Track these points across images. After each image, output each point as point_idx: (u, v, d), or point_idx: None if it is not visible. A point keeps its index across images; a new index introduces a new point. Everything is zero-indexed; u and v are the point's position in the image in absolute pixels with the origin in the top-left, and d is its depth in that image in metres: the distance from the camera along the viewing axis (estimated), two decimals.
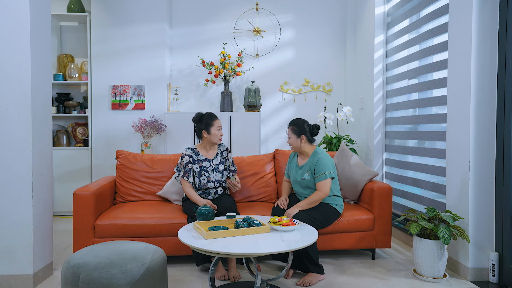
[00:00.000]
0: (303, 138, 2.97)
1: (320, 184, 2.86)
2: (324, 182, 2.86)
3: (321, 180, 2.86)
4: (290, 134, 3.00)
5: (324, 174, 2.86)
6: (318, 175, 2.87)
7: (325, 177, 2.86)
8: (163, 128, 4.42)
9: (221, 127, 3.10)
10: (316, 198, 2.85)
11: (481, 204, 2.73)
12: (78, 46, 4.78)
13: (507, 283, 2.63)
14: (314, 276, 2.70)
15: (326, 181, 2.86)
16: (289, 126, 3.02)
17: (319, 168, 2.88)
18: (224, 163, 3.18)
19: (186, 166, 3.06)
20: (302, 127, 2.98)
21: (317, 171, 2.88)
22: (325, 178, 2.86)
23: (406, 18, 3.79)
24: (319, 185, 2.87)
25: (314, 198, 2.85)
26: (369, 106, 4.28)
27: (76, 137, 4.74)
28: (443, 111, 3.21)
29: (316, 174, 2.89)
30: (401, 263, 3.11)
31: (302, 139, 2.97)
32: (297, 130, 2.97)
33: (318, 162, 2.89)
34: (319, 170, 2.87)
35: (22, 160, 2.56)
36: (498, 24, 2.67)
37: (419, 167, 3.51)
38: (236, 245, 2.13)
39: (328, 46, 4.92)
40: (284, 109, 4.91)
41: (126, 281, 1.91)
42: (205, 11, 4.83)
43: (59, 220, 4.41)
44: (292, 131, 2.99)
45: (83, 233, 2.88)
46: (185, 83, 4.83)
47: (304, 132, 2.97)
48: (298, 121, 3.02)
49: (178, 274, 2.86)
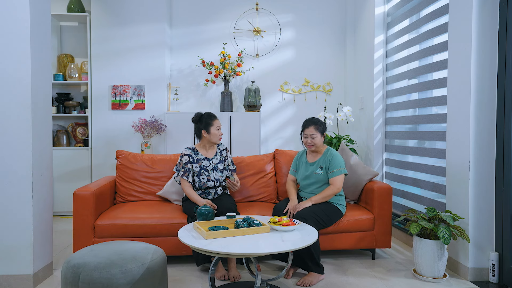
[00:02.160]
0: (324, 136, 3.01)
1: (335, 179, 2.90)
2: (338, 177, 2.91)
3: (336, 175, 2.90)
4: (315, 132, 2.95)
5: (339, 170, 2.91)
6: (333, 170, 2.91)
7: (340, 172, 2.91)
8: (163, 128, 4.42)
9: (220, 127, 3.11)
10: (330, 193, 2.89)
11: (481, 204, 2.73)
12: (78, 46, 4.78)
13: (507, 283, 2.63)
14: (315, 276, 2.70)
15: (340, 176, 2.91)
16: (311, 124, 2.97)
17: (334, 164, 2.92)
18: (224, 162, 3.18)
19: (186, 166, 3.06)
20: (324, 125, 3.02)
21: (332, 166, 2.92)
22: (339, 173, 2.91)
23: (406, 18, 3.79)
24: (334, 180, 2.90)
25: (328, 193, 2.88)
26: (369, 106, 4.28)
27: (76, 137, 4.74)
28: (443, 111, 3.21)
29: (331, 169, 2.92)
30: (401, 263, 3.11)
31: (323, 137, 3.01)
32: (320, 129, 2.98)
33: (333, 158, 2.95)
34: (335, 166, 2.92)
35: (22, 160, 2.56)
36: (498, 24, 2.67)
37: (419, 167, 3.51)
38: (236, 245, 2.13)
39: (328, 46, 4.92)
40: (284, 109, 4.91)
41: (126, 281, 1.91)
42: (205, 11, 4.83)
43: (59, 220, 4.41)
44: (316, 129, 2.96)
45: (83, 233, 2.88)
46: (185, 83, 4.83)
47: (325, 130, 3.02)
48: (318, 120, 3.02)
49: (178, 274, 2.86)
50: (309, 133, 2.97)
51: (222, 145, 3.25)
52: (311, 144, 2.97)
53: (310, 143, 2.97)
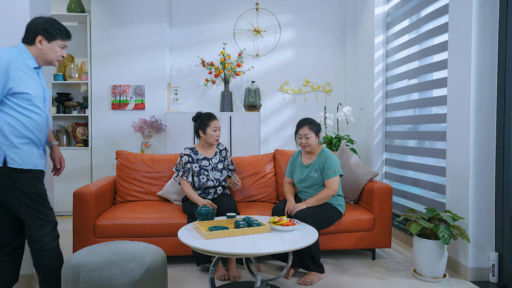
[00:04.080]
0: (319, 136, 2.97)
1: (330, 181, 2.86)
2: (334, 179, 2.87)
3: (331, 177, 2.86)
4: (309, 132, 2.89)
5: (334, 171, 2.87)
6: (328, 172, 2.87)
7: (335, 174, 2.87)
8: (163, 128, 4.42)
9: (218, 128, 3.08)
10: (325, 195, 2.85)
11: (481, 204, 2.73)
12: (78, 46, 4.78)
13: (507, 283, 2.63)
14: (315, 275, 2.70)
15: (335, 178, 2.87)
16: (305, 124, 2.92)
17: (329, 166, 2.88)
18: (223, 162, 3.18)
19: (185, 166, 3.06)
20: (318, 126, 2.97)
21: (326, 168, 2.88)
22: (334, 175, 2.87)
23: (406, 18, 3.79)
24: (329, 182, 2.87)
25: (323, 195, 2.85)
26: (369, 106, 4.28)
27: (76, 137, 4.74)
28: (443, 111, 3.21)
29: (326, 171, 2.88)
30: (401, 263, 3.11)
31: (318, 137, 2.96)
32: (315, 129, 2.94)
33: (327, 159, 2.90)
34: (329, 167, 2.87)
35: None
36: (498, 24, 2.67)
37: (419, 167, 3.51)
38: (236, 245, 2.13)
39: (328, 46, 4.92)
40: (284, 109, 4.91)
41: (126, 281, 1.91)
42: (205, 11, 4.83)
43: (59, 220, 4.40)
44: (311, 129, 2.90)
45: (83, 233, 2.88)
46: (185, 83, 4.83)
47: (320, 131, 2.98)
48: (312, 120, 2.98)
49: (178, 274, 2.86)
50: (303, 133, 2.90)
51: (221, 145, 3.25)
52: (305, 144, 2.91)
53: (304, 144, 2.91)
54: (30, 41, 2.11)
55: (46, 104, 2.20)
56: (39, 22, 2.11)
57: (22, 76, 2.03)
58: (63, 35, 2.15)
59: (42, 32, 2.10)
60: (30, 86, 2.06)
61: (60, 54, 2.17)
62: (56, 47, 2.14)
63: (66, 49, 2.23)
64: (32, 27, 2.11)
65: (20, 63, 2.04)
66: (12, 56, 2.02)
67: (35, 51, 2.12)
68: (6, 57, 1.99)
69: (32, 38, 2.10)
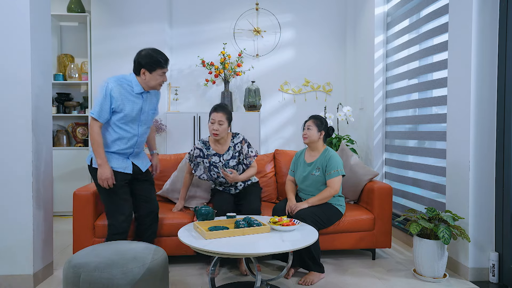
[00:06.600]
0: (322, 133, 3.00)
1: (332, 181, 2.87)
2: (336, 179, 2.88)
3: (333, 177, 2.88)
4: (311, 125, 2.99)
5: (337, 171, 2.88)
6: (331, 172, 2.88)
7: (337, 174, 2.89)
8: (163, 128, 4.42)
9: (216, 121, 2.93)
10: (327, 195, 2.86)
11: (481, 204, 2.74)
12: (78, 46, 4.78)
13: (507, 283, 2.63)
14: (316, 275, 2.71)
15: (337, 178, 2.89)
16: (311, 119, 3.03)
17: (331, 165, 2.89)
18: (238, 157, 3.07)
19: (195, 159, 3.08)
20: (325, 123, 3.03)
21: (329, 168, 2.89)
22: (337, 175, 2.88)
23: (406, 18, 3.79)
24: (331, 181, 2.88)
25: (325, 195, 2.86)
26: (369, 106, 4.28)
27: (76, 137, 4.74)
28: (443, 111, 3.21)
29: (328, 170, 2.89)
30: (401, 263, 3.11)
31: (321, 134, 3.00)
32: (319, 124, 3.00)
33: (330, 159, 2.92)
34: (332, 167, 2.89)
35: (22, 160, 2.56)
36: (498, 24, 2.67)
37: (419, 167, 3.51)
38: (236, 245, 2.13)
39: (328, 46, 4.92)
40: (284, 109, 4.91)
41: (126, 281, 1.91)
42: (205, 11, 4.83)
43: (59, 220, 4.41)
44: (314, 123, 2.99)
45: (83, 233, 2.88)
46: (185, 83, 4.83)
47: (325, 128, 3.02)
48: (321, 117, 3.06)
49: (178, 274, 2.86)
50: (307, 125, 3.02)
51: (237, 137, 3.10)
52: (305, 136, 3.00)
53: (304, 134, 3.01)
54: (137, 72, 2.52)
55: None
56: (144, 55, 2.49)
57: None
58: (162, 64, 2.50)
59: (144, 65, 2.48)
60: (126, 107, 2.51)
61: (161, 80, 2.55)
62: (157, 76, 2.51)
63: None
64: (137, 60, 2.51)
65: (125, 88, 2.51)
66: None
67: (141, 80, 2.53)
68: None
69: (138, 70, 2.51)
